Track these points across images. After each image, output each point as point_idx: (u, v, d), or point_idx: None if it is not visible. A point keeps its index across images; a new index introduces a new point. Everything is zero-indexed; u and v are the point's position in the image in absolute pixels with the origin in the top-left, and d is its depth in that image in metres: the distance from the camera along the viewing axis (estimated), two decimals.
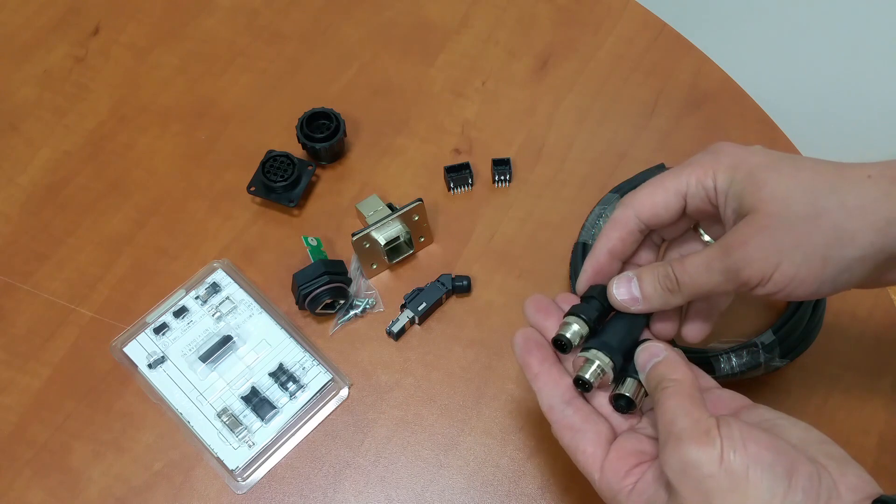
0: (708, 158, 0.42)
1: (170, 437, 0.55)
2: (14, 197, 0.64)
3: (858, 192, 0.38)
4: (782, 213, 0.38)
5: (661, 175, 0.44)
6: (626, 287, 0.43)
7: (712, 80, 0.70)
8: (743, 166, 0.40)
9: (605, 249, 0.45)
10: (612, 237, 0.45)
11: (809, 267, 0.38)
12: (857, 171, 0.39)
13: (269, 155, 0.63)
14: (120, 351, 0.57)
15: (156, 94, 0.69)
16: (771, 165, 0.40)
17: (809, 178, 0.39)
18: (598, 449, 0.41)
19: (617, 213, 0.45)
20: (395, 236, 0.59)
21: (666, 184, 0.43)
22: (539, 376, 0.44)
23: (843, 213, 0.38)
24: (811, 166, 0.39)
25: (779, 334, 0.54)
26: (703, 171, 0.42)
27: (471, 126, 0.68)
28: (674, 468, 0.36)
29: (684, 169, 0.43)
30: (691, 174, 0.42)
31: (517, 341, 0.45)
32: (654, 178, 0.44)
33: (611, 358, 0.42)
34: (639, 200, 0.44)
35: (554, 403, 0.43)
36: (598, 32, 0.73)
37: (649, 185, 0.44)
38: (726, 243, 0.40)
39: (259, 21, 0.74)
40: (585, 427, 0.42)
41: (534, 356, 0.44)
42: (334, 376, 0.56)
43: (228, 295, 0.59)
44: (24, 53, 0.71)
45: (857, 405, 0.55)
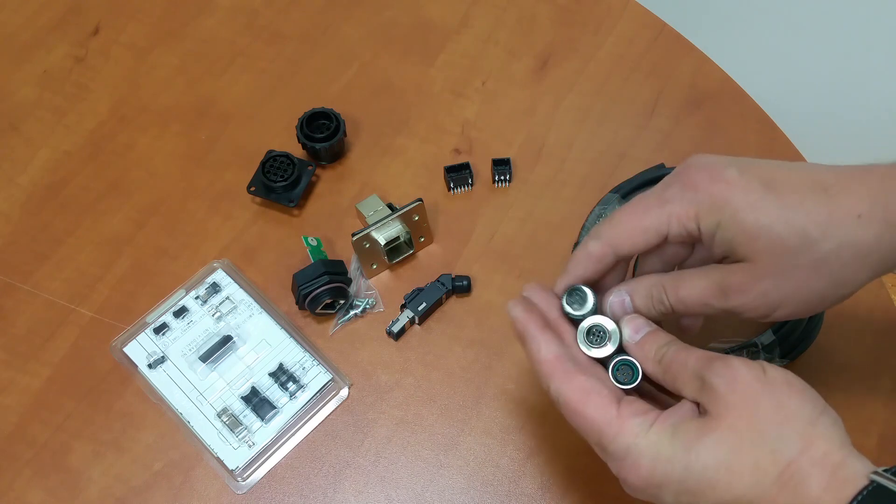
0: (688, 197, 0.40)
1: (170, 437, 0.55)
2: (14, 197, 0.64)
3: (853, 240, 0.38)
4: (779, 265, 0.39)
5: (638, 210, 0.42)
6: (620, 306, 0.44)
7: (712, 80, 0.70)
8: (726, 208, 0.39)
9: (579, 277, 0.44)
10: (587, 268, 0.44)
11: (807, 306, 0.40)
12: (846, 208, 0.38)
13: (269, 155, 0.63)
14: (120, 351, 0.57)
15: (156, 94, 0.69)
16: (756, 209, 0.39)
17: (801, 222, 0.38)
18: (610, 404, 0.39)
19: (592, 246, 0.43)
20: (395, 236, 0.59)
21: (645, 223, 0.42)
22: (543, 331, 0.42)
23: (839, 262, 0.38)
24: (797, 205, 0.38)
25: (779, 334, 0.54)
26: (684, 213, 0.41)
27: (471, 126, 0.68)
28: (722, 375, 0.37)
29: (663, 206, 0.41)
30: (671, 214, 0.41)
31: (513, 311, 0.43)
32: (631, 212, 0.42)
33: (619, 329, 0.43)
34: (617, 238, 0.43)
35: (560, 352, 0.41)
36: (598, 32, 0.73)
37: (627, 223, 0.42)
38: (724, 286, 0.40)
39: (259, 21, 0.74)
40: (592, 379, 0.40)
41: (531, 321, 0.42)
42: (334, 376, 0.56)
43: (228, 295, 0.59)
44: (24, 53, 0.71)
45: (857, 405, 0.55)
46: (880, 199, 0.38)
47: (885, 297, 0.59)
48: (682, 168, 0.42)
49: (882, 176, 0.39)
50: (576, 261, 0.44)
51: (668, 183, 0.42)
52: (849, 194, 0.38)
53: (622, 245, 0.42)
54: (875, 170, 0.39)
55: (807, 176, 0.40)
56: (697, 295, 0.41)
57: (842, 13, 1.10)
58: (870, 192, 0.38)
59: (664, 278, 0.43)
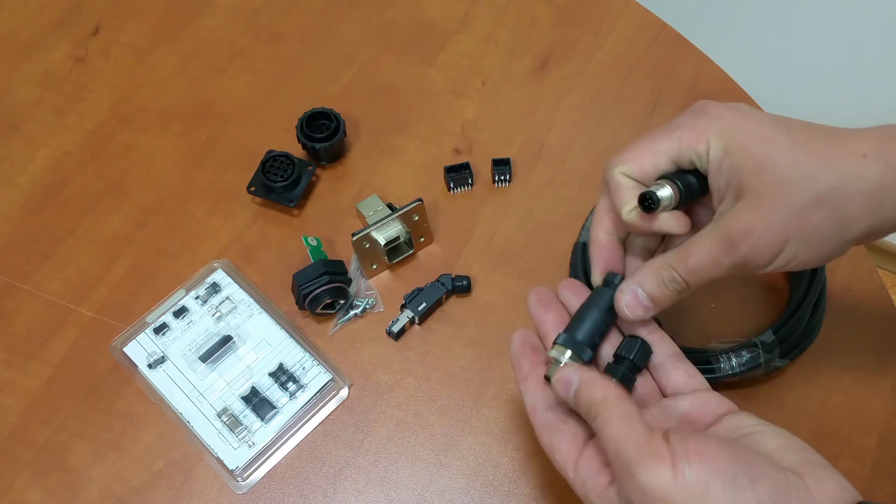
0: (700, 123, 0.41)
1: (170, 437, 0.55)
2: (14, 197, 0.64)
3: (856, 176, 0.38)
4: (785, 200, 0.39)
5: (648, 135, 0.43)
6: (635, 301, 0.43)
7: (712, 80, 0.70)
8: (737, 136, 0.40)
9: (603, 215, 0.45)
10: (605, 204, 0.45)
11: (809, 249, 0.40)
12: (850, 146, 0.39)
13: (269, 155, 0.63)
14: (120, 351, 0.57)
15: (156, 94, 0.69)
16: (766, 139, 0.39)
17: (807, 159, 0.39)
18: (572, 447, 0.41)
19: (606, 176, 0.44)
20: (395, 236, 0.59)
21: (654, 146, 0.42)
22: (528, 379, 0.44)
23: (843, 200, 0.38)
24: (804, 140, 0.39)
25: (779, 334, 0.54)
26: (694, 135, 0.41)
27: (471, 126, 0.68)
28: (633, 498, 0.36)
29: (673, 131, 0.42)
30: (682, 137, 0.41)
31: (514, 339, 0.46)
32: (640, 138, 0.43)
33: (578, 354, 0.43)
34: (628, 160, 0.43)
35: (537, 405, 0.43)
36: (598, 32, 0.73)
37: (636, 146, 0.43)
38: (729, 233, 0.39)
39: (259, 21, 0.74)
40: (562, 427, 0.42)
41: (527, 359, 0.45)
42: (334, 376, 0.56)
43: (228, 295, 0.59)
44: (24, 53, 0.71)
45: (857, 405, 0.55)
46: (885, 142, 0.39)
47: (885, 298, 0.59)
48: (696, 104, 0.43)
49: (889, 128, 0.40)
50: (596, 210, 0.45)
51: (680, 114, 0.43)
52: (854, 136, 0.39)
53: (634, 168, 0.43)
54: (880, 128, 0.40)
55: (815, 124, 0.40)
56: (707, 257, 0.40)
57: (841, 13, 1.10)
58: (876, 136, 0.39)
59: (668, 257, 0.42)
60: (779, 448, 0.38)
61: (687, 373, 0.44)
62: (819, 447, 0.38)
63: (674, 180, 0.42)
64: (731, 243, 0.39)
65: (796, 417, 0.55)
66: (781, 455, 0.37)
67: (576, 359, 0.43)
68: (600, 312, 0.44)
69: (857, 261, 0.60)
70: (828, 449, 0.54)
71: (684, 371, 0.44)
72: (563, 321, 0.46)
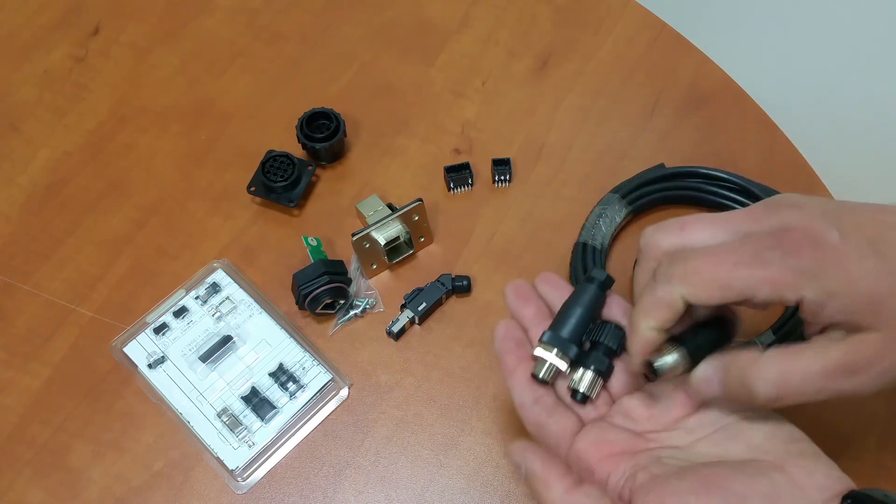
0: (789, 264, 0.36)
1: (170, 437, 0.55)
2: (14, 197, 0.64)
3: None
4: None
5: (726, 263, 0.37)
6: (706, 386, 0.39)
7: (712, 80, 0.70)
8: (840, 279, 0.36)
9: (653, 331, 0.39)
10: (659, 318, 0.39)
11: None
12: None
13: (269, 155, 0.63)
14: (120, 351, 0.57)
15: (156, 94, 0.69)
16: (874, 275, 0.36)
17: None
18: (560, 442, 0.42)
19: (663, 291, 0.38)
20: (395, 236, 0.59)
21: (732, 280, 0.37)
22: (514, 374, 0.44)
23: None
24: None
25: (779, 334, 0.54)
26: (782, 279, 0.36)
27: (471, 126, 0.68)
28: None
29: (760, 268, 0.36)
30: (768, 279, 0.36)
31: (497, 334, 0.45)
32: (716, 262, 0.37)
33: (564, 352, 0.43)
34: (693, 290, 0.38)
35: (524, 401, 0.43)
36: (598, 32, 0.73)
37: (709, 273, 0.37)
38: (851, 364, 0.36)
39: (259, 21, 0.74)
40: (549, 422, 0.42)
41: (512, 353, 0.45)
42: (334, 376, 0.56)
43: (228, 295, 0.59)
44: (24, 53, 0.71)
45: (858, 405, 0.55)
46: None
47: None
48: (777, 225, 0.38)
49: None
50: (644, 310, 0.39)
51: (763, 243, 0.37)
52: None
53: (697, 295, 0.37)
54: None
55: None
56: (814, 379, 0.36)
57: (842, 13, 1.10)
58: None
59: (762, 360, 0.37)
60: (766, 439, 0.37)
61: None
62: (819, 447, 0.38)
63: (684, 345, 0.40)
64: (850, 371, 0.36)
65: (796, 417, 0.55)
66: (769, 446, 0.37)
67: (562, 356, 0.43)
68: (584, 309, 0.44)
69: None
70: (828, 449, 0.54)
71: None
72: (542, 314, 0.46)
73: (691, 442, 0.40)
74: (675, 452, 0.40)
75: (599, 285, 0.45)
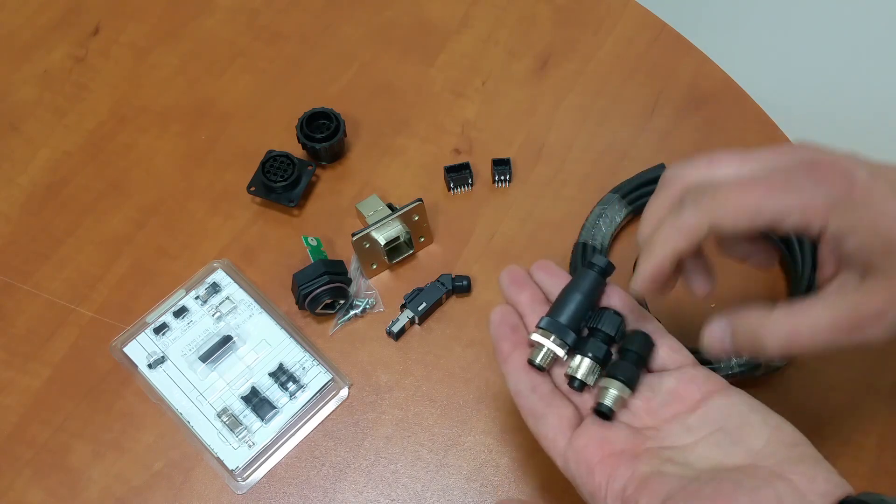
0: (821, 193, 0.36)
1: (170, 437, 0.55)
2: (14, 197, 0.64)
3: None
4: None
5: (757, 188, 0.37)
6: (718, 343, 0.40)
7: (712, 80, 0.70)
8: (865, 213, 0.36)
9: (669, 256, 0.38)
10: (678, 244, 0.38)
11: None
12: None
13: (269, 155, 0.63)
14: (120, 351, 0.57)
15: (156, 94, 0.69)
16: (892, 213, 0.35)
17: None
18: (558, 434, 0.41)
19: (689, 217, 0.38)
20: (395, 236, 0.59)
21: (763, 203, 0.37)
22: (509, 360, 0.44)
23: None
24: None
25: None
26: (813, 205, 0.36)
27: (471, 126, 0.68)
28: None
29: (792, 192, 0.36)
30: (800, 204, 0.36)
31: (493, 320, 0.45)
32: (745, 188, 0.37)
33: (562, 338, 0.42)
34: (722, 213, 0.37)
35: (521, 389, 0.43)
36: (598, 32, 0.73)
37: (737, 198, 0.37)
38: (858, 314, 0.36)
39: (259, 21, 0.74)
40: (547, 412, 0.42)
41: (507, 339, 0.44)
42: (334, 376, 0.56)
43: (228, 295, 0.59)
44: (24, 53, 0.71)
45: (857, 405, 0.55)
46: None
47: None
48: (801, 155, 0.38)
49: None
50: (665, 235, 0.38)
51: (793, 170, 0.37)
52: None
53: (725, 220, 0.37)
54: None
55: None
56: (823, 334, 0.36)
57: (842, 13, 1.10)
58: None
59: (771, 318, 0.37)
60: (767, 444, 0.37)
61: (671, 347, 0.43)
62: (819, 447, 0.38)
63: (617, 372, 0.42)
64: (858, 324, 0.36)
65: (796, 417, 0.55)
66: (769, 451, 0.37)
67: (559, 342, 0.42)
68: (584, 296, 0.44)
69: None
70: (828, 449, 0.53)
71: (669, 346, 0.43)
72: (537, 300, 0.45)
73: (691, 442, 0.40)
74: (675, 454, 0.40)
75: (600, 272, 0.44)
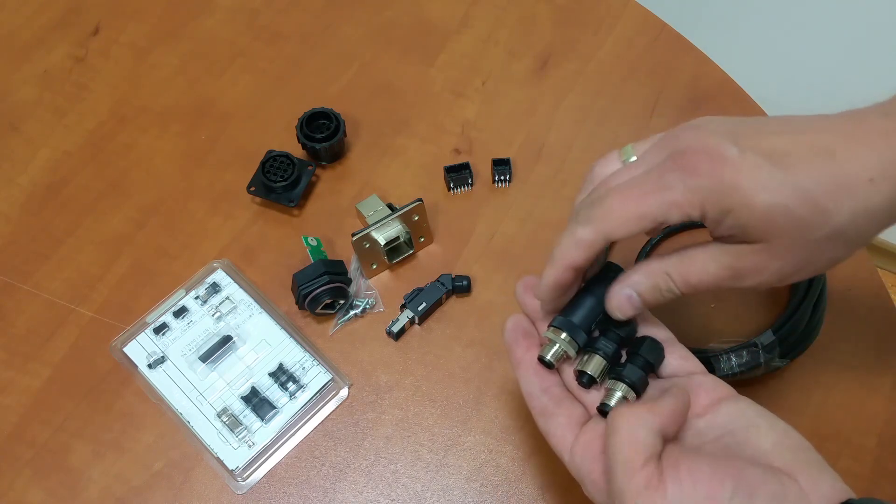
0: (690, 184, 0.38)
1: (170, 437, 0.55)
2: (14, 197, 0.64)
3: (865, 207, 0.37)
4: (798, 242, 0.37)
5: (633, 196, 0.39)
6: (628, 303, 0.42)
7: (712, 80, 0.70)
8: (735, 193, 0.37)
9: (569, 267, 0.42)
10: (576, 256, 0.41)
11: (819, 269, 0.40)
12: (855, 173, 0.37)
13: (269, 155, 0.63)
14: (120, 351, 0.57)
15: (156, 94, 0.69)
16: (767, 188, 0.37)
17: (814, 194, 0.37)
18: (567, 432, 0.42)
19: (582, 233, 0.40)
20: (395, 236, 0.59)
21: (642, 210, 0.39)
22: (521, 363, 0.44)
23: (854, 229, 0.37)
24: (807, 175, 0.37)
25: (779, 334, 0.54)
26: (686, 201, 0.38)
27: (471, 126, 0.68)
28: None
29: (663, 193, 0.38)
30: (672, 203, 0.38)
31: (507, 326, 0.46)
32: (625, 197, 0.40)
33: (573, 337, 0.43)
34: (609, 225, 0.40)
35: (532, 391, 0.44)
36: (598, 32, 0.73)
37: (621, 210, 0.39)
38: (738, 270, 0.39)
39: (259, 21, 0.74)
40: (557, 411, 0.42)
41: (520, 344, 0.45)
42: (334, 376, 0.56)
43: (228, 295, 0.59)
44: (24, 53, 0.71)
45: (857, 405, 0.55)
46: (889, 161, 0.37)
47: (885, 297, 0.59)
48: (675, 146, 0.39)
49: (883, 132, 0.38)
50: (564, 249, 0.41)
51: (665, 167, 0.39)
52: (857, 159, 0.37)
53: (615, 232, 0.40)
54: (871, 123, 0.38)
55: (807, 140, 0.38)
56: (709, 280, 0.40)
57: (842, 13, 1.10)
58: (878, 154, 0.37)
59: (668, 265, 0.41)
60: (774, 446, 0.38)
61: (682, 356, 0.44)
62: (819, 447, 0.38)
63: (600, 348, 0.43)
64: (740, 276, 0.39)
65: (796, 417, 0.55)
66: (776, 454, 0.37)
67: (570, 340, 0.43)
68: (597, 300, 0.44)
69: (857, 261, 0.60)
70: (828, 449, 0.54)
71: (679, 355, 0.44)
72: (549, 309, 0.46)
73: (698, 444, 0.40)
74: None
75: (613, 278, 0.45)
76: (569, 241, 0.41)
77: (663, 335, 0.45)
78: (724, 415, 0.40)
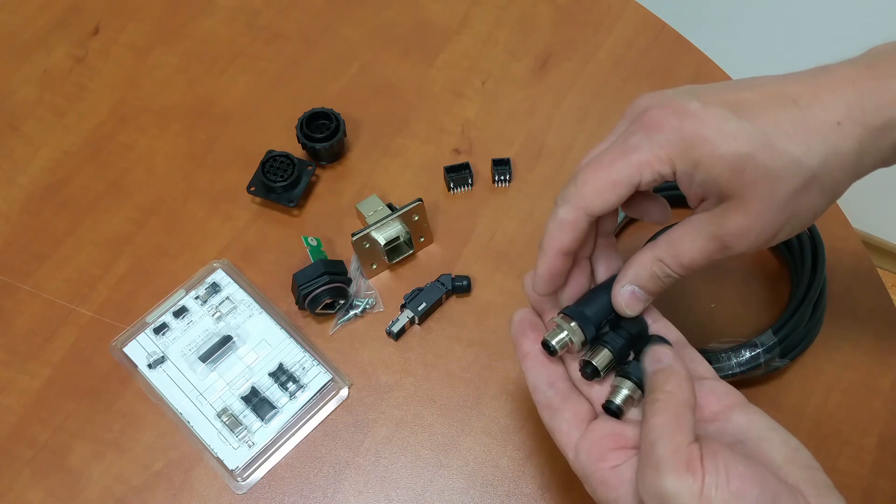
0: (656, 141, 0.38)
1: (170, 437, 0.55)
2: (14, 197, 0.64)
3: (835, 151, 0.37)
4: (773, 194, 0.37)
5: (603, 165, 0.39)
6: (633, 298, 0.42)
7: (712, 80, 0.69)
8: (703, 144, 0.37)
9: (558, 252, 0.42)
10: (563, 239, 0.41)
11: (801, 224, 0.39)
12: (822, 117, 0.37)
13: (269, 155, 0.63)
14: (120, 351, 0.57)
15: (156, 94, 0.69)
16: (734, 138, 0.37)
17: (782, 142, 0.36)
18: (572, 428, 0.41)
19: (563, 212, 0.41)
20: (395, 236, 0.59)
21: (614, 177, 0.39)
22: (528, 356, 0.44)
23: (829, 175, 0.37)
24: (773, 123, 0.37)
25: (779, 334, 0.54)
26: (654, 158, 0.38)
27: (471, 126, 0.68)
28: (649, 494, 0.35)
29: (630, 155, 0.39)
30: (641, 163, 0.38)
31: (514, 319, 0.45)
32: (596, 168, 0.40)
33: (582, 328, 0.42)
34: (587, 198, 0.40)
35: (538, 384, 0.43)
36: (598, 32, 0.73)
37: (594, 181, 0.40)
38: (723, 237, 0.39)
39: (259, 21, 0.74)
40: (563, 407, 0.42)
41: (527, 336, 0.44)
42: (334, 376, 0.56)
43: (228, 295, 0.59)
44: (24, 53, 0.71)
45: (857, 405, 0.55)
46: (855, 104, 0.37)
47: (885, 297, 0.59)
48: (637, 111, 0.40)
49: (849, 79, 0.38)
50: (550, 235, 0.42)
51: (629, 131, 0.39)
52: (822, 104, 0.37)
53: (593, 204, 0.40)
54: (837, 72, 0.38)
55: (771, 91, 0.38)
56: (699, 255, 0.40)
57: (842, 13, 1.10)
58: (843, 97, 0.37)
59: (658, 251, 0.41)
60: (785, 462, 0.37)
61: (692, 359, 0.44)
62: (819, 447, 0.38)
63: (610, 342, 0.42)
64: (726, 245, 0.39)
65: (796, 417, 0.55)
66: (787, 469, 0.37)
67: (578, 331, 0.43)
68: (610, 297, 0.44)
69: (857, 261, 0.60)
70: (828, 449, 0.54)
71: (689, 358, 0.43)
72: (557, 305, 0.45)
73: None
74: None
75: None
76: (552, 226, 0.42)
77: (674, 336, 0.44)
78: (736, 423, 0.40)
